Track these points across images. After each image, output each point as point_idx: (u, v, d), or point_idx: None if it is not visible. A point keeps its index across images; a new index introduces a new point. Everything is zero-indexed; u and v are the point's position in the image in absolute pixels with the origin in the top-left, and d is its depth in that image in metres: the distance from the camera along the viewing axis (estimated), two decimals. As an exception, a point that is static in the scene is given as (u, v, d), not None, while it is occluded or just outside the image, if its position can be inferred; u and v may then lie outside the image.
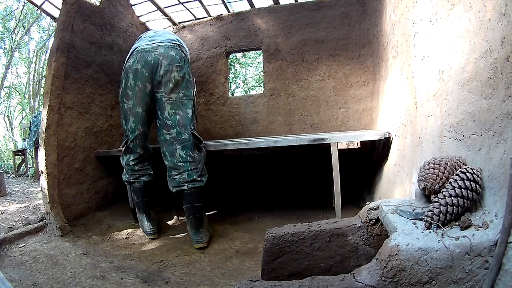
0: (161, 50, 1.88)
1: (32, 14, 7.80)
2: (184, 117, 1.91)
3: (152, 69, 1.87)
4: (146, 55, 1.87)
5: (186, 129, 1.91)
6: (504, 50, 0.69)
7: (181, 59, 1.92)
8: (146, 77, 1.88)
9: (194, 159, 1.92)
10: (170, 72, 1.87)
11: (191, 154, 1.91)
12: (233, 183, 3.11)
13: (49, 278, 1.54)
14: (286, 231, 0.98)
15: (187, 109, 1.92)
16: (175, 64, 1.88)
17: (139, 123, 1.99)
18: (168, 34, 2.09)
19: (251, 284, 0.76)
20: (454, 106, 0.92)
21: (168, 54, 1.88)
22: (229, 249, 1.87)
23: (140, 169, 2.11)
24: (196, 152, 1.94)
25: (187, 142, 1.91)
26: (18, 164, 5.83)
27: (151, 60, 1.86)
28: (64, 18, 2.28)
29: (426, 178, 0.82)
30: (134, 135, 2.02)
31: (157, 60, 1.86)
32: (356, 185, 2.58)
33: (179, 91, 1.90)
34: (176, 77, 1.88)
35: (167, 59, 1.87)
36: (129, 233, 2.19)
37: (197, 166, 1.93)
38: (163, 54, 1.87)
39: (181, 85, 1.90)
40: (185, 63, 1.94)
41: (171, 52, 1.89)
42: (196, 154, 1.93)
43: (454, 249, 0.65)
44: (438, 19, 1.04)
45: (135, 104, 1.94)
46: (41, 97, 7.63)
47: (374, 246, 0.96)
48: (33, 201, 3.29)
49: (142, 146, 2.07)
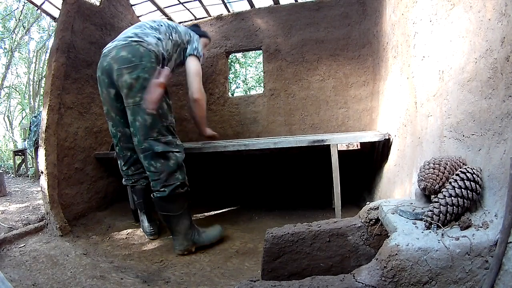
0: (113, 53, 1.74)
1: (32, 14, 7.80)
2: (143, 124, 1.73)
3: (109, 74, 1.77)
4: (102, 61, 1.79)
5: (145, 137, 1.73)
6: (504, 50, 0.69)
7: (136, 57, 1.70)
8: (106, 84, 1.80)
9: (156, 169, 1.75)
10: (121, 76, 1.71)
11: (153, 164, 1.75)
12: (233, 183, 3.11)
13: (49, 278, 1.54)
14: (286, 231, 0.98)
15: (145, 115, 1.71)
16: (125, 66, 1.70)
17: (118, 126, 1.92)
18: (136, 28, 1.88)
19: (251, 284, 0.76)
20: (454, 106, 0.92)
21: (118, 56, 1.72)
22: (229, 249, 1.87)
23: (134, 172, 2.03)
24: (160, 161, 1.75)
25: (147, 152, 1.75)
26: (18, 164, 5.83)
27: (106, 65, 1.76)
28: (64, 18, 2.28)
29: (426, 178, 0.82)
30: (116, 139, 1.97)
31: (110, 65, 1.74)
32: (356, 185, 2.58)
33: (134, 95, 1.71)
34: (128, 80, 1.69)
35: (117, 62, 1.72)
36: (129, 233, 2.19)
37: (160, 177, 1.75)
38: (114, 57, 1.73)
39: (135, 88, 1.70)
40: (141, 60, 1.70)
41: (122, 52, 1.71)
42: (158, 164, 1.75)
43: (454, 249, 0.65)
44: (438, 19, 1.04)
45: (108, 109, 1.90)
46: (41, 97, 7.63)
47: (374, 246, 0.96)
48: (33, 201, 3.29)
49: (127, 147, 1.96)
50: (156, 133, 1.75)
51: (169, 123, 1.81)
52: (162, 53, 1.83)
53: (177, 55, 2.02)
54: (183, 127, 3.33)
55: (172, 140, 1.80)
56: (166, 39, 1.90)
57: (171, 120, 1.83)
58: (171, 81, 2.19)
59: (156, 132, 1.75)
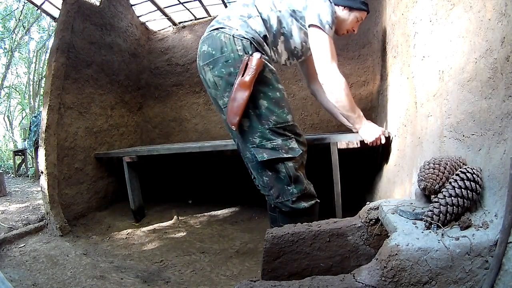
0: (198, 49, 1.50)
1: (32, 14, 7.81)
2: (240, 129, 1.40)
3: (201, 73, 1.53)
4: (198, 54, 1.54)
5: (246, 144, 1.42)
6: (504, 50, 0.69)
7: (216, 49, 1.38)
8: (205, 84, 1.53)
9: (264, 184, 1.43)
10: (205, 74, 1.45)
11: (259, 178, 1.44)
12: (233, 182, 3.11)
13: (49, 278, 1.54)
14: (286, 231, 0.98)
15: None
16: (207, 62, 1.42)
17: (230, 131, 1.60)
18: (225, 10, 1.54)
19: (251, 284, 0.75)
20: (454, 106, 0.92)
21: (200, 52, 1.47)
22: (229, 249, 1.87)
23: None
24: (267, 173, 1.40)
25: (252, 163, 1.44)
26: (18, 164, 5.83)
27: (198, 63, 1.53)
28: (64, 18, 2.29)
29: (426, 178, 0.81)
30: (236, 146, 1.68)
31: (198, 64, 1.52)
32: (356, 185, 2.58)
33: (221, 95, 1.40)
34: (211, 78, 1.42)
35: (200, 58, 1.47)
36: (129, 233, 2.20)
37: (270, 193, 1.42)
38: (199, 54, 1.49)
39: (220, 87, 1.40)
40: (222, 52, 1.37)
41: (203, 47, 1.45)
42: (265, 177, 1.41)
43: (454, 249, 0.65)
44: (438, 19, 1.04)
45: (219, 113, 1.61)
46: (41, 97, 7.63)
47: (374, 246, 0.96)
48: (33, 201, 3.29)
49: None
50: (258, 138, 1.38)
51: (274, 124, 1.38)
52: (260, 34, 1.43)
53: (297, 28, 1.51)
54: (183, 127, 3.33)
55: (282, 144, 1.38)
56: (267, 11, 1.45)
57: (277, 119, 1.39)
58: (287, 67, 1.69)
59: (258, 136, 1.38)
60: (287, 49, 1.55)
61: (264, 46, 1.45)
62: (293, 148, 1.40)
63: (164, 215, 2.54)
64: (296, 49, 1.56)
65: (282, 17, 1.47)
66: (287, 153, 1.38)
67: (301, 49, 1.57)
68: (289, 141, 1.40)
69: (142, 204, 2.57)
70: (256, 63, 1.29)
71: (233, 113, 1.32)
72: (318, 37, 1.45)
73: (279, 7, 1.46)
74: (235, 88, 1.31)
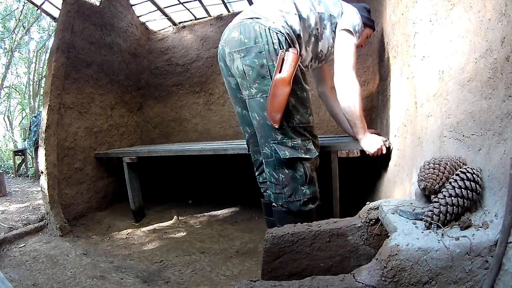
0: (225, 35, 1.46)
1: (32, 14, 7.81)
2: (262, 123, 1.39)
3: (224, 60, 1.49)
4: (219, 45, 1.53)
5: (266, 139, 1.40)
6: (504, 50, 0.69)
7: (249, 38, 1.35)
8: (225, 72, 1.54)
9: (278, 181, 1.42)
10: (233, 61, 1.41)
11: (275, 174, 1.42)
12: (233, 183, 3.11)
13: (49, 278, 1.54)
14: (286, 231, 0.98)
15: (263, 111, 1.36)
16: (236, 49, 1.38)
17: (244, 124, 1.61)
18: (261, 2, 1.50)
19: (251, 284, 0.75)
20: (454, 106, 0.92)
21: (229, 38, 1.42)
22: (229, 249, 1.87)
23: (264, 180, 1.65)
24: (284, 171, 1.39)
25: (270, 158, 1.42)
26: (18, 164, 5.83)
27: (220, 49, 1.51)
28: (64, 18, 2.29)
29: (426, 178, 0.81)
30: (246, 140, 1.68)
31: (223, 49, 1.47)
32: (356, 189, 2.57)
33: (249, 85, 1.38)
34: (239, 66, 1.38)
35: (228, 44, 1.42)
36: (129, 233, 2.20)
37: (282, 191, 1.41)
38: (226, 40, 1.45)
39: (249, 77, 1.36)
40: (256, 42, 1.34)
41: (233, 33, 1.40)
42: (282, 174, 1.40)
43: (454, 249, 0.65)
44: (438, 19, 1.04)
45: (233, 103, 1.64)
46: (41, 97, 7.63)
47: (374, 246, 0.96)
48: (33, 201, 3.29)
49: (257, 151, 1.60)
50: (280, 134, 1.37)
51: (298, 123, 1.38)
52: (295, 31, 1.42)
53: (329, 32, 1.52)
54: (183, 127, 3.33)
55: (301, 144, 1.39)
56: (306, 11, 1.45)
57: (301, 119, 1.39)
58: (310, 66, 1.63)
59: (281, 133, 1.37)
60: (314, 51, 1.56)
61: (296, 44, 1.44)
62: (310, 149, 1.42)
63: (164, 215, 2.54)
64: (321, 53, 1.57)
65: (321, 19, 1.48)
66: (305, 154, 1.39)
67: (326, 53, 1.58)
68: (307, 141, 1.41)
69: (142, 204, 2.57)
70: (293, 59, 1.29)
71: (274, 110, 1.31)
72: (346, 41, 1.48)
73: (318, 9, 1.47)
74: (274, 85, 1.29)
